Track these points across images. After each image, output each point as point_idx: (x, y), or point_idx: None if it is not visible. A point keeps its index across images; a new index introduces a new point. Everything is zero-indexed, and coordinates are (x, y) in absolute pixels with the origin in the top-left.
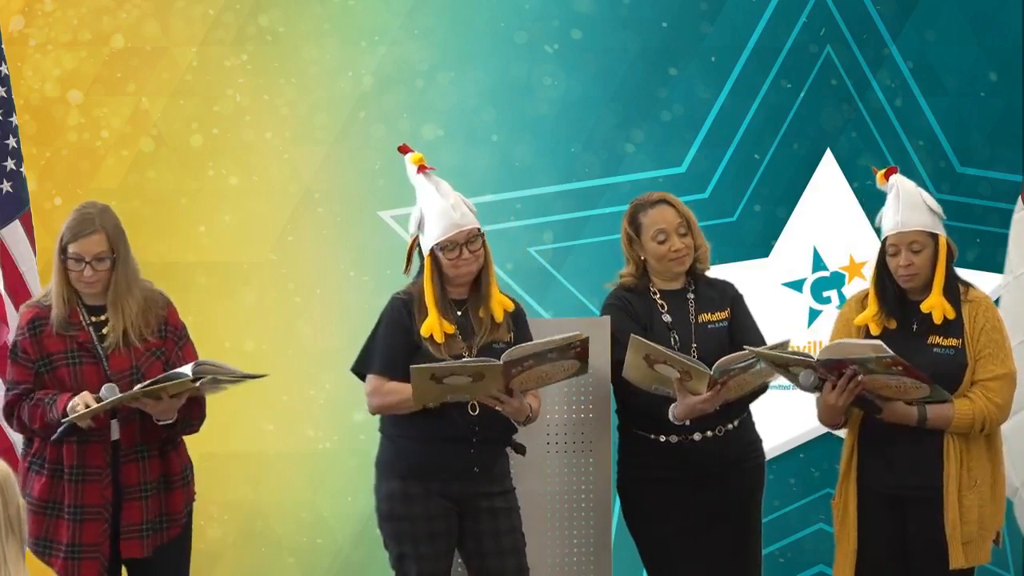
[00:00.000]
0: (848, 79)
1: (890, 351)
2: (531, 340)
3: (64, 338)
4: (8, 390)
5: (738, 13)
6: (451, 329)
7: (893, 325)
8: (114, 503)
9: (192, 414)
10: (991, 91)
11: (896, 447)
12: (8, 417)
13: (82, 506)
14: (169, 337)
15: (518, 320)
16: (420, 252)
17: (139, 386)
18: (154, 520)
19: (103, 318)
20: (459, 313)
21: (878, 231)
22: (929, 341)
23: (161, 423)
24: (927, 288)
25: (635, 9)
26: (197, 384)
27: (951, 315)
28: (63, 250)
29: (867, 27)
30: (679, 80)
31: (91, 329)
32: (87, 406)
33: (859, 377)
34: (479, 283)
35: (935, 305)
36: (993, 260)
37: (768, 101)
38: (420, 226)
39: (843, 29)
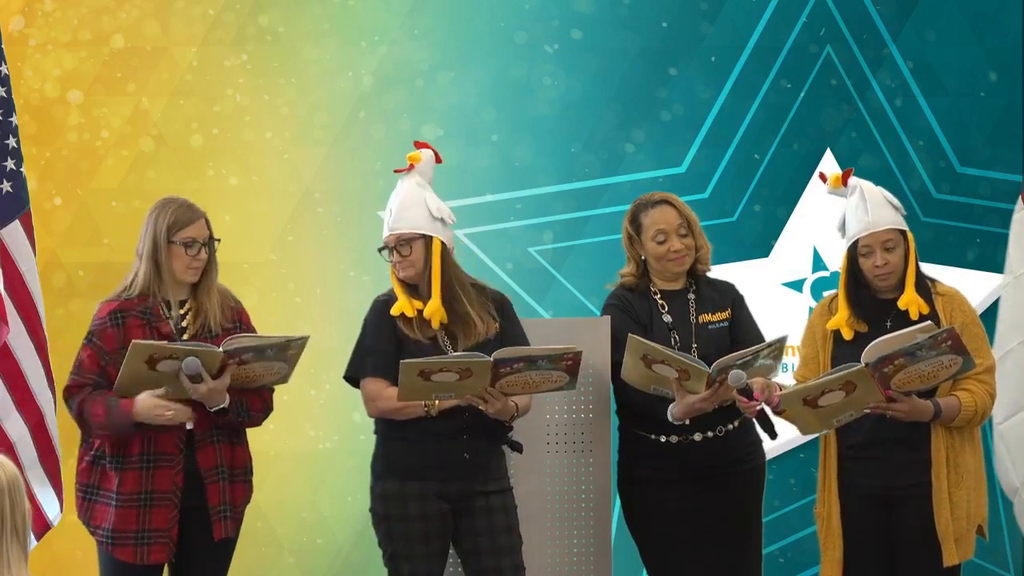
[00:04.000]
0: (848, 79)
1: (937, 327)
2: (520, 329)
3: (150, 331)
4: (73, 373)
5: (738, 13)
6: (420, 305)
7: (865, 329)
8: (187, 490)
9: (252, 404)
10: (991, 91)
11: (882, 449)
12: (68, 399)
13: (151, 492)
14: (243, 330)
15: (504, 311)
16: None
17: (176, 345)
18: (228, 504)
19: (181, 311)
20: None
21: (841, 235)
22: None
23: (213, 410)
24: (899, 286)
25: (635, 9)
26: (227, 354)
27: (925, 310)
28: (170, 238)
29: (867, 27)
30: (679, 80)
31: (171, 323)
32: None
33: (777, 392)
34: (443, 290)
35: (911, 301)
36: (993, 260)
37: (768, 101)
38: None
39: (843, 29)
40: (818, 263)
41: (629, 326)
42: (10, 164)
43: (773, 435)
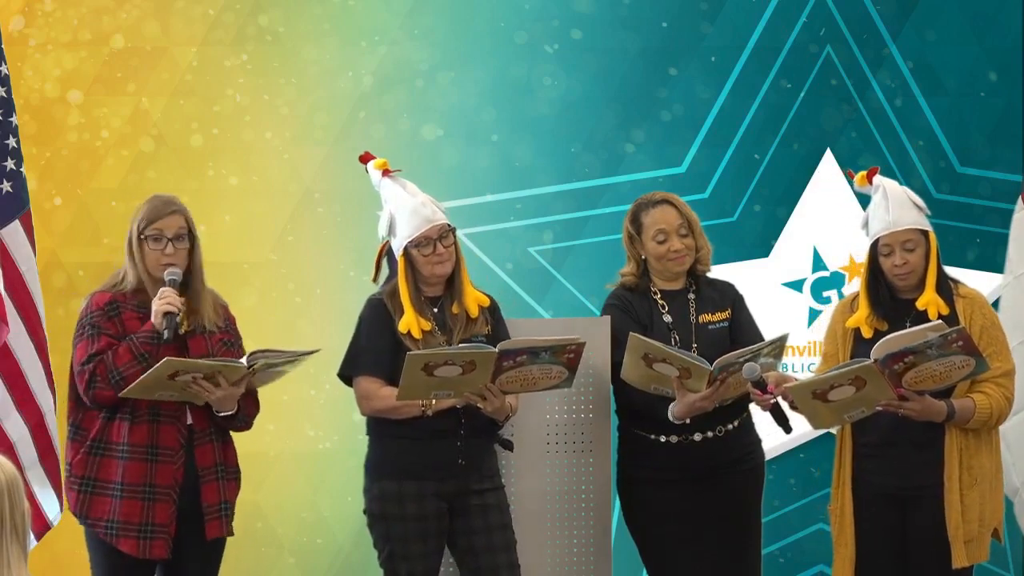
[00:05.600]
0: (848, 79)
1: (947, 327)
2: (507, 333)
3: (144, 322)
4: (84, 364)
5: (738, 13)
6: (428, 326)
7: (884, 327)
8: (182, 488)
9: (249, 409)
10: (991, 91)
11: (897, 448)
12: (89, 386)
13: (153, 486)
14: (230, 331)
15: (494, 314)
16: (390, 257)
17: (204, 361)
18: (227, 502)
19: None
20: (435, 310)
21: (865, 233)
22: None
23: (221, 415)
24: (920, 286)
25: (635, 9)
26: (251, 368)
27: (944, 311)
28: (141, 233)
29: (867, 27)
30: (679, 80)
31: None
32: (170, 306)
33: (786, 386)
34: (452, 280)
35: (930, 302)
36: (993, 260)
37: (768, 101)
38: (391, 228)
39: (843, 29)
40: (818, 263)
41: (629, 326)
42: (10, 164)
43: (788, 429)
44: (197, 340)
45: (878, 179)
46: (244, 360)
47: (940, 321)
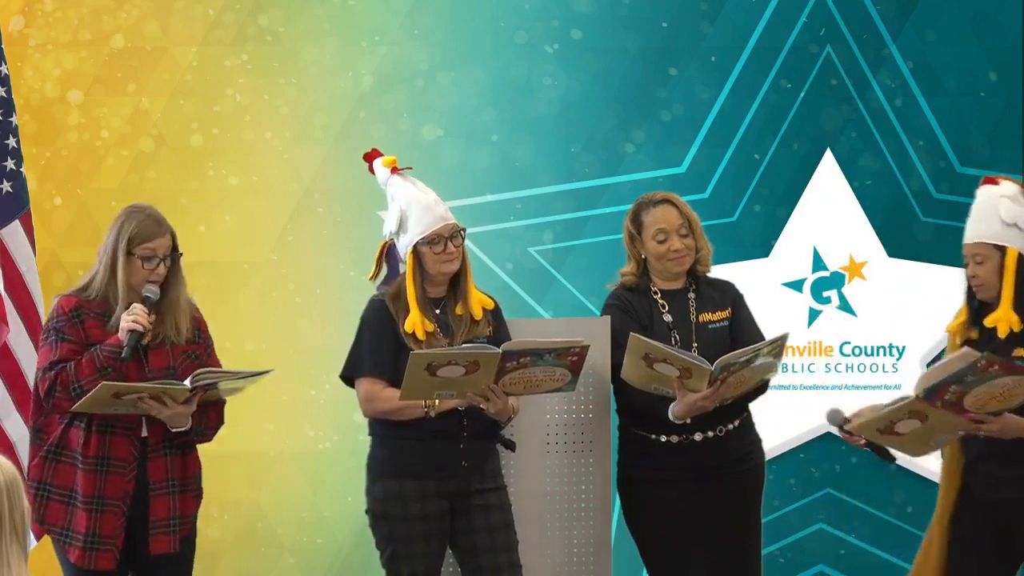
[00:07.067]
0: (848, 79)
1: (978, 353)
2: (508, 335)
3: (107, 333)
4: (46, 371)
5: (738, 13)
6: (431, 327)
7: (975, 335)
8: (136, 500)
9: (208, 422)
10: (991, 91)
11: (997, 461)
12: (48, 394)
13: (103, 497)
14: (201, 341)
15: (496, 316)
16: (391, 256)
17: (144, 384)
18: (178, 517)
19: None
20: (438, 312)
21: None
22: (1014, 353)
23: (174, 429)
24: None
25: (635, 9)
26: (193, 389)
27: (1017, 328)
28: (130, 250)
29: (867, 27)
30: (679, 80)
31: None
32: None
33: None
34: (457, 281)
35: (1000, 319)
36: None
37: (768, 101)
38: (401, 225)
39: (843, 29)
40: (818, 263)
41: (629, 326)
42: (10, 164)
43: (891, 458)
44: (158, 353)
45: (986, 188)
46: (188, 381)
47: (967, 349)
